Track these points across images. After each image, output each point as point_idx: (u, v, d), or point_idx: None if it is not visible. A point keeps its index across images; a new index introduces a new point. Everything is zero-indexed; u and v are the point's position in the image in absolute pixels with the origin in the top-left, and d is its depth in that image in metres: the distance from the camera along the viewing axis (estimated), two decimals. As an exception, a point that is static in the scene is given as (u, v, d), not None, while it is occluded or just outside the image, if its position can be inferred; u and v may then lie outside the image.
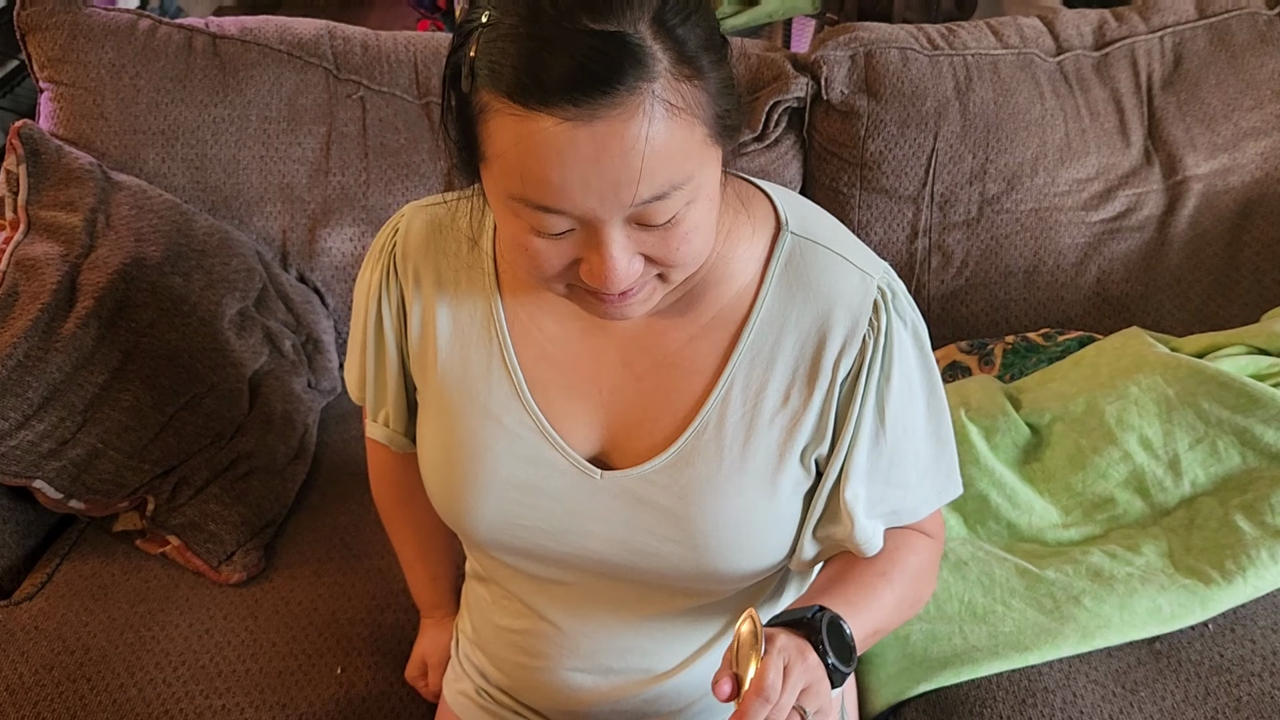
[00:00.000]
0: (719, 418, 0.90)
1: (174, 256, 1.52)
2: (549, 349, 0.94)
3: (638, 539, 0.93)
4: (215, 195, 1.71)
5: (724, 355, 0.91)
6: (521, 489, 0.94)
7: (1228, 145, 1.76)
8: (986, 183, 1.73)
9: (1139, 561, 1.28)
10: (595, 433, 0.94)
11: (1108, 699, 1.20)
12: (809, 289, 0.90)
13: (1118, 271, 1.73)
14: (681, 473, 0.91)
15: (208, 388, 1.46)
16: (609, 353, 0.93)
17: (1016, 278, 1.73)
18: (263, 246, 1.72)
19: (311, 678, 1.27)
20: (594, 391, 0.94)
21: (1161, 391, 1.36)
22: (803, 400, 0.90)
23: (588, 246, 0.77)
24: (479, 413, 0.94)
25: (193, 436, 1.42)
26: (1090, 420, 1.38)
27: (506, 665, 1.08)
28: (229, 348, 1.51)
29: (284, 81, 1.76)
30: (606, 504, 0.93)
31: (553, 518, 0.94)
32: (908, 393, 0.92)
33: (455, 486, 0.96)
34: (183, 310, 1.47)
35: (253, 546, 1.40)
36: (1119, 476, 1.36)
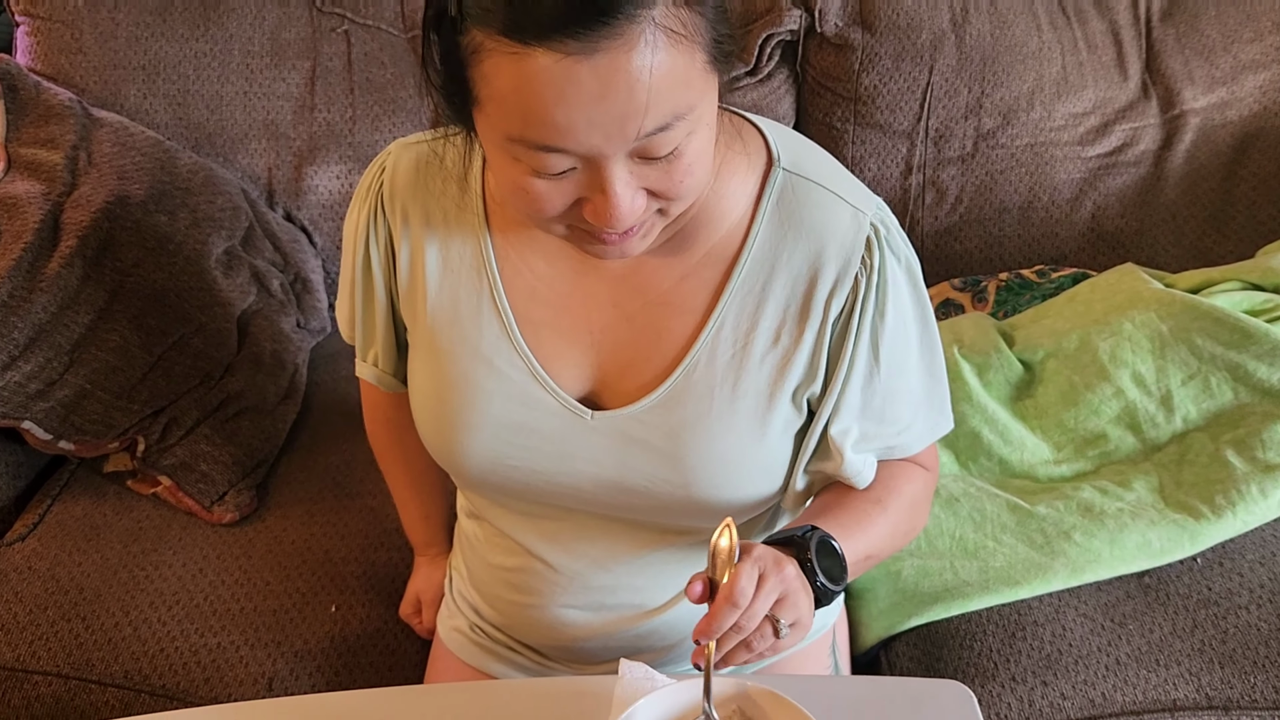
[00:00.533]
0: (709, 357, 0.90)
1: (158, 195, 1.50)
2: (539, 289, 0.93)
3: (629, 478, 0.92)
4: (198, 132, 1.69)
5: (715, 294, 0.90)
6: (512, 429, 0.93)
7: (1226, 78, 1.73)
8: (982, 117, 1.71)
9: (1129, 497, 1.28)
10: (586, 373, 0.93)
11: (1096, 632, 1.21)
12: (800, 226, 0.89)
13: (1113, 207, 1.72)
14: (672, 412, 0.90)
15: (195, 327, 1.44)
16: (600, 293, 0.92)
17: (1011, 214, 1.72)
18: (248, 185, 1.70)
19: (306, 615, 1.28)
20: (584, 332, 0.93)
21: (1155, 327, 1.36)
22: (794, 339, 0.89)
23: (590, 185, 0.75)
24: (469, 354, 0.93)
25: (181, 377, 1.41)
26: (1083, 356, 1.38)
27: (499, 603, 1.09)
28: (216, 287, 1.50)
29: (266, 15, 1.72)
30: (598, 444, 0.92)
31: (544, 458, 0.93)
32: (901, 330, 0.92)
33: (446, 427, 0.95)
34: (168, 249, 1.46)
35: (244, 486, 1.39)
36: (1111, 413, 1.36)
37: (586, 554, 1.01)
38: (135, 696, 1.20)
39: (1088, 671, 1.17)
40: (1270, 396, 1.31)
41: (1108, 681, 1.16)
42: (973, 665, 1.19)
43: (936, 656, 1.22)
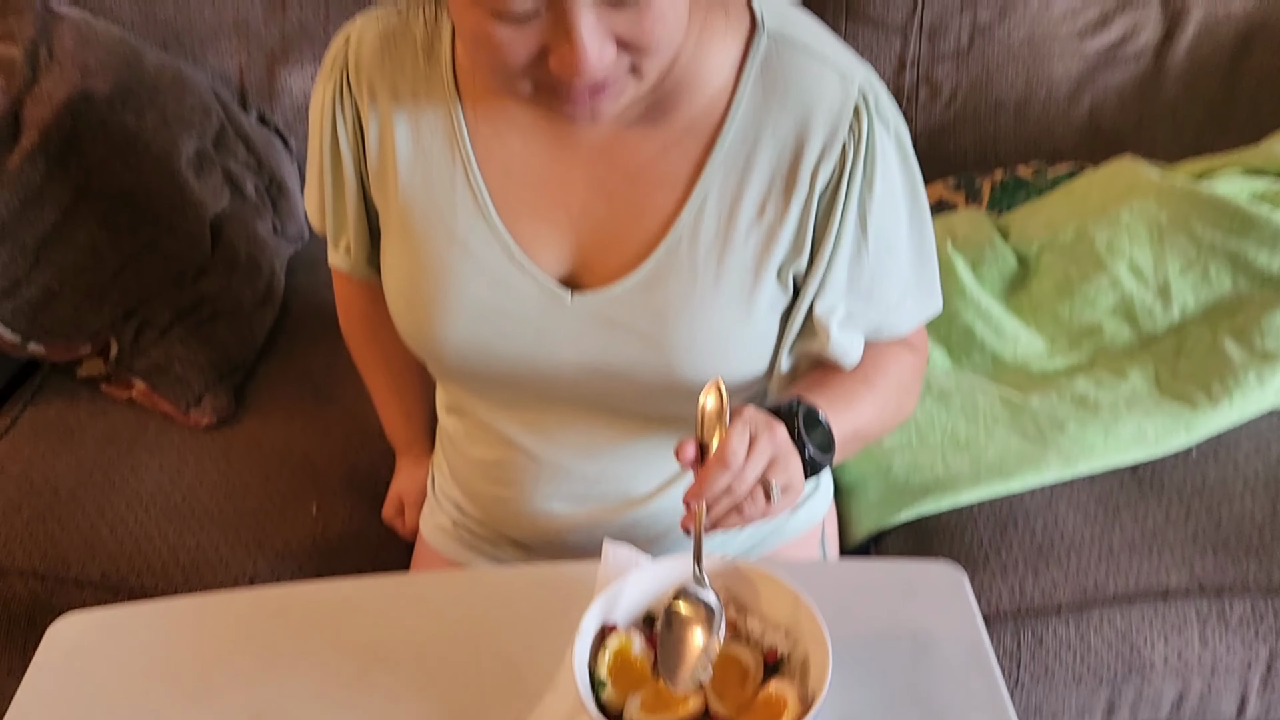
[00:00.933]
0: (692, 232, 0.86)
1: (124, 93, 1.44)
2: (514, 167, 0.89)
3: (611, 362, 0.90)
4: (165, 30, 1.62)
5: (697, 166, 0.86)
6: (489, 313, 0.90)
7: (1231, -37, 1.67)
8: (978, 10, 1.65)
9: (1125, 388, 1.26)
10: (564, 253, 0.90)
11: (1089, 522, 1.19)
12: (786, 93, 0.85)
13: (1111, 102, 1.67)
14: (655, 292, 0.87)
15: (166, 228, 1.40)
16: (577, 169, 0.88)
17: (1007, 110, 1.67)
18: (219, 85, 1.64)
19: (287, 517, 1.26)
20: (562, 209, 0.89)
21: (1154, 216, 1.32)
22: (779, 212, 0.86)
23: (555, 32, 0.71)
24: (443, 236, 0.90)
25: (153, 278, 1.37)
26: (1079, 248, 1.34)
27: (482, 498, 1.07)
28: (187, 188, 1.45)
29: (234, -93, 1.65)
30: (578, 327, 0.89)
31: (523, 342, 0.91)
32: (890, 203, 0.88)
33: (421, 313, 0.92)
34: (136, 148, 1.41)
35: (221, 390, 1.36)
36: (1107, 304, 1.33)
37: (568, 443, 0.98)
38: (114, 595, 1.18)
39: (1080, 560, 1.16)
40: (1270, 284, 1.28)
41: (1100, 570, 1.15)
42: (963, 555, 1.18)
43: (926, 549, 1.21)
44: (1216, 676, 1.14)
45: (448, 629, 0.85)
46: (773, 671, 0.74)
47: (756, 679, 0.74)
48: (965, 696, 0.77)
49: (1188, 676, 1.14)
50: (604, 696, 0.72)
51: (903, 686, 0.78)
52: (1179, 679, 1.14)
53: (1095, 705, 1.17)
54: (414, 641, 0.83)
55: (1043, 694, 1.15)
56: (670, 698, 0.72)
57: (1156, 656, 1.13)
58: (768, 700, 0.72)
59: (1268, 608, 1.12)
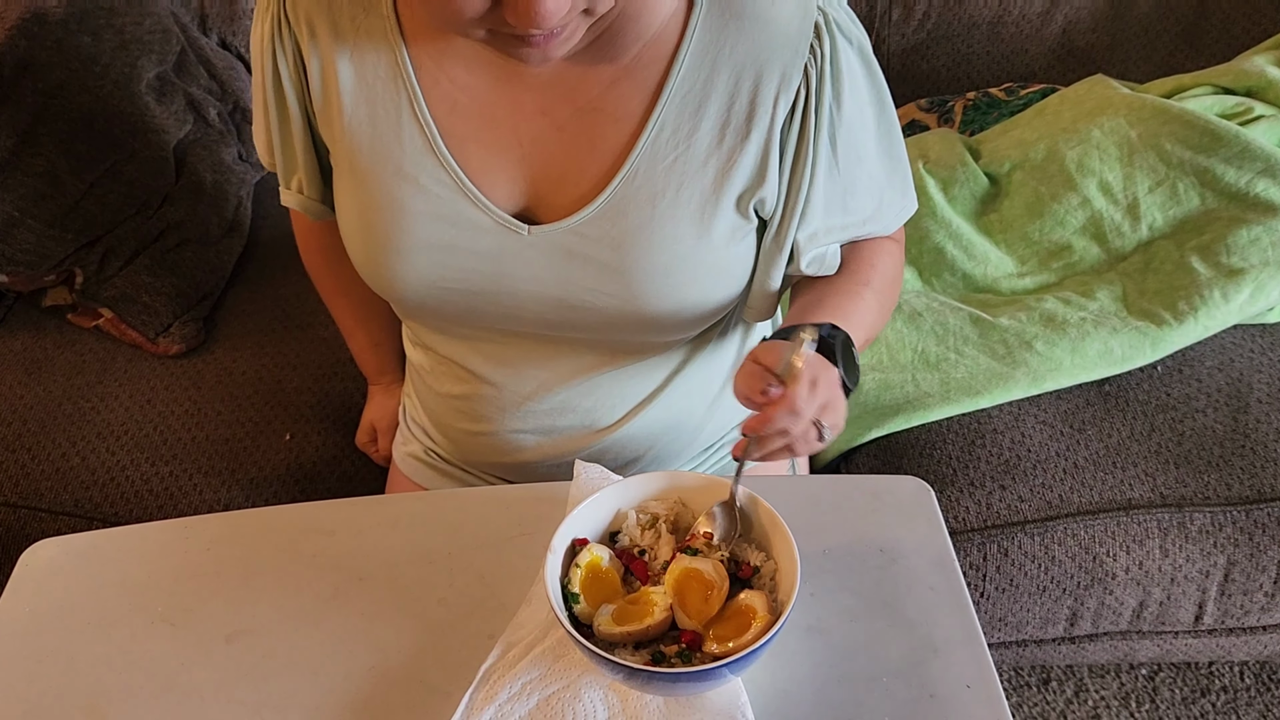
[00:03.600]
0: (649, 163, 0.85)
1: (79, 13, 1.40)
2: (461, 100, 0.86)
3: (572, 294, 0.89)
4: (120, -50, 1.57)
5: (652, 96, 0.84)
6: (445, 250, 0.88)
7: (1207, -117, 1.65)
8: (952, -77, 1.63)
9: (1093, 306, 1.27)
10: (518, 187, 0.88)
11: (1055, 438, 1.21)
12: (740, 18, 0.82)
13: (1084, 21, 1.66)
14: (613, 223, 0.86)
15: (128, 154, 1.37)
16: (526, 101, 0.86)
17: (980, 29, 1.65)
18: (178, 8, 1.60)
19: (260, 444, 1.25)
20: (513, 143, 0.87)
21: (1124, 134, 1.32)
22: (739, 139, 0.84)
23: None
24: (392, 172, 0.87)
25: (117, 205, 1.35)
26: (1050, 167, 1.34)
27: (451, 431, 1.07)
28: (149, 113, 1.42)
29: None
30: (536, 261, 0.88)
31: (481, 278, 0.89)
32: (859, 117, 0.87)
33: (376, 252, 0.90)
34: (94, 71, 1.37)
35: (190, 319, 1.35)
36: (1076, 223, 1.33)
37: (534, 377, 0.98)
38: (87, 524, 1.18)
39: (1045, 475, 1.18)
40: (1237, 200, 1.29)
41: (1065, 484, 1.17)
42: (931, 472, 1.20)
43: (895, 466, 1.22)
44: (1175, 585, 1.17)
45: (421, 548, 0.85)
46: (744, 585, 0.76)
47: (722, 592, 0.75)
48: (931, 606, 0.79)
49: (1148, 586, 1.17)
50: (576, 609, 0.74)
51: (871, 597, 0.80)
52: (1140, 588, 1.17)
53: (1058, 615, 1.20)
54: (388, 561, 0.84)
55: (1008, 604, 1.18)
56: (639, 610, 0.73)
57: (1118, 567, 1.15)
58: (738, 610, 0.73)
59: (1226, 518, 1.15)
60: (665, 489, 0.81)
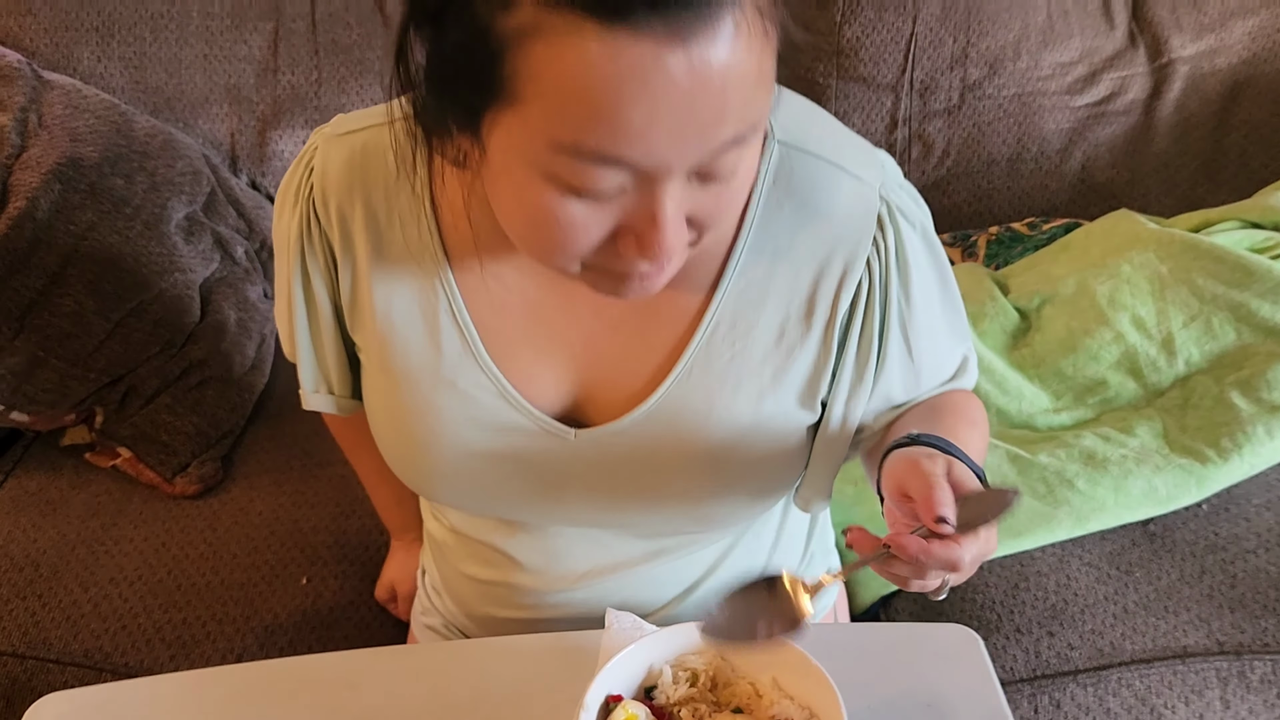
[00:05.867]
0: (704, 362, 0.80)
1: (113, 158, 1.43)
2: (509, 300, 0.81)
3: (622, 493, 0.84)
4: (157, 96, 1.62)
5: (708, 292, 0.79)
6: (485, 458, 0.84)
7: (1214, 25, 1.69)
8: (968, 68, 1.66)
9: (1133, 443, 1.24)
10: (566, 389, 0.83)
11: (1102, 580, 1.16)
12: (802, 208, 0.77)
13: (1103, 157, 1.68)
14: (666, 425, 0.81)
15: (155, 294, 1.38)
16: (579, 300, 0.81)
17: (1000, 166, 1.67)
18: (210, 150, 1.63)
19: (275, 589, 1.21)
20: (563, 344, 0.82)
21: (1154, 269, 1.31)
22: (800, 334, 0.80)
23: (637, 211, 0.62)
24: (428, 377, 0.82)
25: (141, 344, 1.34)
26: (1081, 301, 1.33)
27: (478, 617, 1.00)
28: (177, 252, 1.43)
29: (226, -25, 1.65)
30: (584, 464, 0.83)
31: (524, 484, 0.85)
32: (925, 301, 0.82)
33: (410, 457, 0.86)
34: (125, 213, 1.39)
35: (208, 458, 1.33)
36: (1111, 358, 1.31)
37: (571, 564, 0.92)
38: (97, 675, 1.13)
39: (1095, 620, 1.13)
40: (1274, 335, 1.27)
41: (1116, 630, 1.12)
42: (975, 618, 1.14)
43: (937, 611, 1.17)
44: (1241, 740, 1.10)
45: (447, 701, 0.81)
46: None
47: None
48: (990, 768, 0.74)
49: (1211, 741, 1.10)
50: (612, 771, 0.69)
51: (924, 758, 0.75)
52: (1203, 744, 1.10)
53: (1117, 772, 1.13)
54: (411, 714, 0.79)
55: (1063, 762, 1.12)
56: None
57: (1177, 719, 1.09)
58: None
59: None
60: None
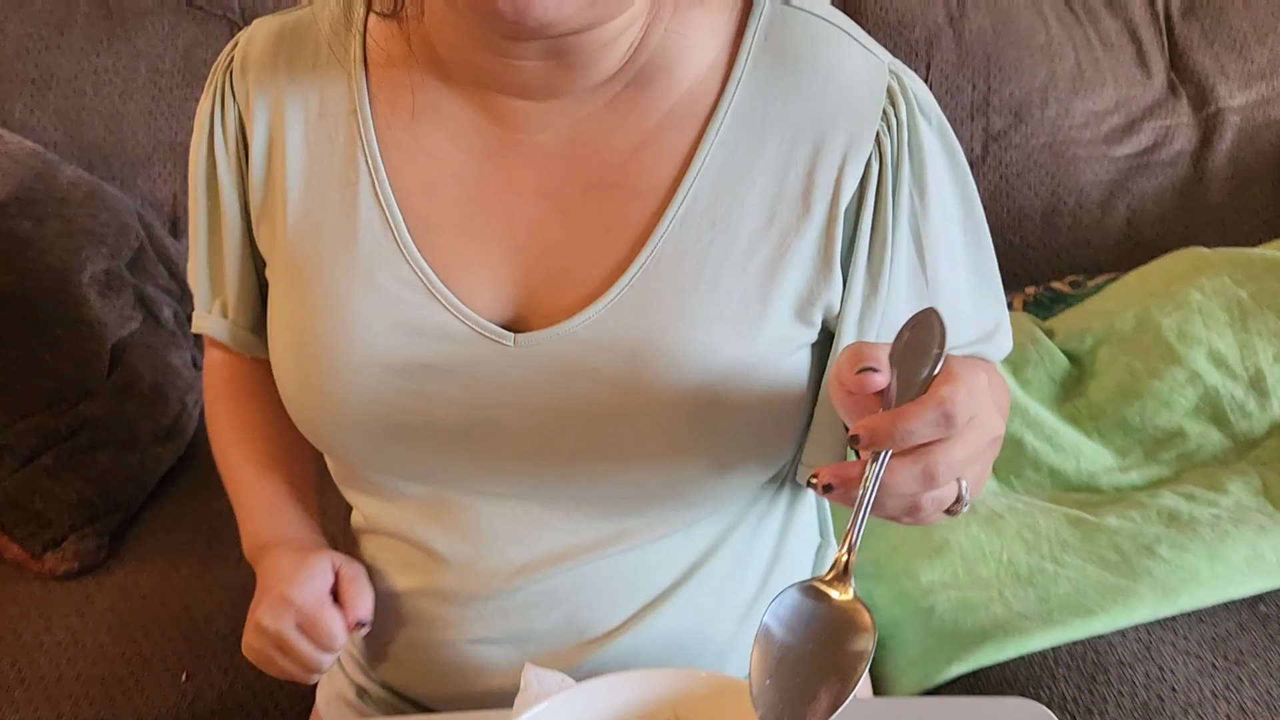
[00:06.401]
0: (675, 247, 0.65)
1: (25, 200, 1.27)
2: (441, 180, 0.69)
3: (571, 424, 0.67)
4: (93, 153, 1.48)
5: (683, 164, 0.66)
6: (405, 371, 0.68)
7: (1264, 73, 1.54)
8: (990, 116, 1.50)
9: (1226, 501, 1.00)
10: (507, 289, 0.69)
11: (1205, 672, 0.90)
12: (798, 68, 0.67)
13: (1150, 211, 1.49)
14: (628, 323, 0.65)
15: (50, 341, 1.19)
16: (524, 179, 0.68)
17: (1033, 220, 1.49)
18: (148, 210, 1.48)
19: (146, 686, 0.97)
20: (505, 232, 0.68)
21: (1232, 294, 1.10)
22: (795, 219, 0.66)
23: None
24: (342, 268, 0.69)
25: (23, 395, 1.15)
26: (1144, 337, 1.11)
27: (392, 646, 0.78)
28: (85, 304, 1.25)
29: (180, 32, 1.54)
30: (524, 381, 0.67)
31: (450, 406, 0.68)
32: (942, 212, 0.68)
33: (313, 374, 0.70)
34: (27, 255, 1.22)
35: (91, 533, 1.11)
36: (1187, 403, 1.08)
37: (509, 554, 0.72)
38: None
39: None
40: (1393, 365, 1.04)
41: (1234, 735, 0.84)
42: (1043, 718, 0.87)
43: (992, 712, 0.90)
44: None
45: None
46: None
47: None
48: None
49: None
50: None
51: None
52: None
53: None
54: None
55: None
56: None
57: None
58: None
59: None
60: (657, 698, 0.54)
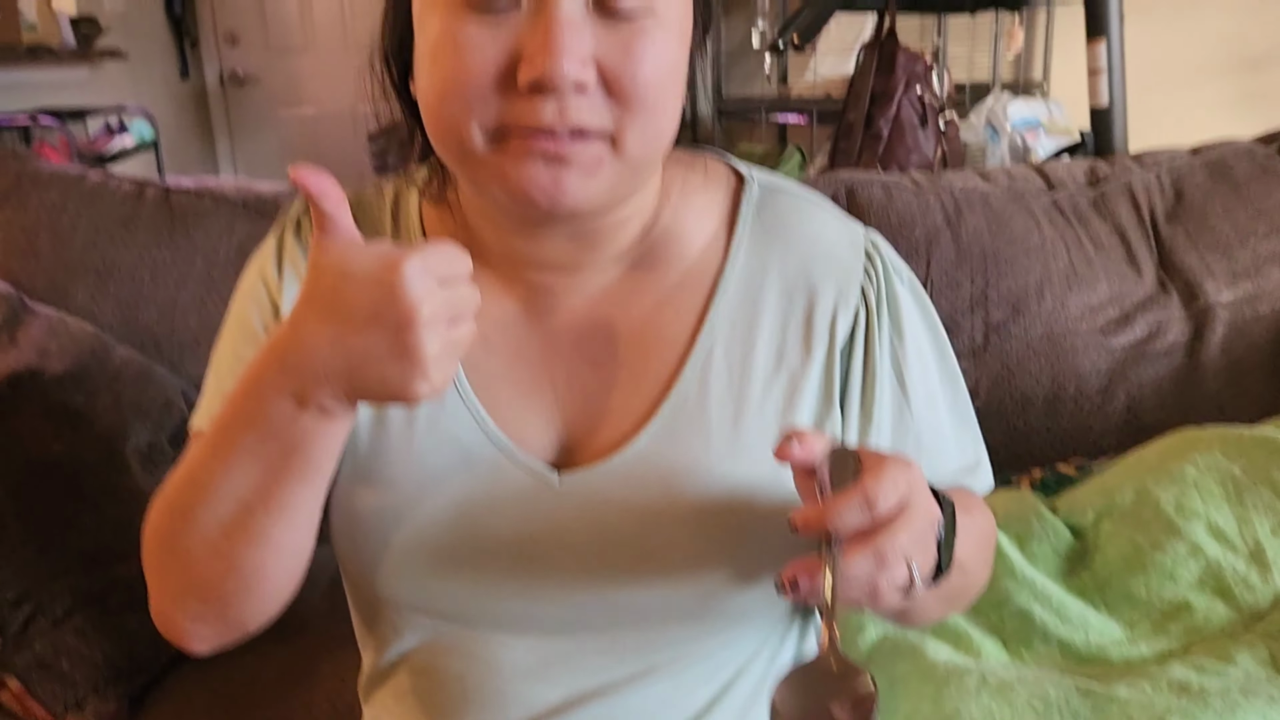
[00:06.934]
0: (700, 387, 0.74)
1: (79, 375, 1.35)
2: (491, 335, 0.77)
3: (608, 553, 0.72)
4: (145, 335, 1.57)
5: (697, 318, 0.76)
6: (457, 507, 0.74)
7: (1249, 272, 1.62)
8: (989, 309, 1.58)
9: (1235, 672, 1.00)
10: (551, 433, 0.76)
11: (1226, 847, 0.88)
12: (788, 236, 0.77)
13: (1149, 398, 1.54)
14: (660, 460, 0.72)
15: (91, 506, 1.24)
16: (560, 335, 0.77)
17: (1036, 405, 1.53)
18: (191, 389, 1.55)
19: None
20: (546, 384, 0.76)
21: (1225, 470, 1.13)
22: (801, 358, 0.75)
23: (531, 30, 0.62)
24: (403, 410, 0.75)
25: (60, 557, 1.19)
26: (1143, 511, 1.14)
27: None
28: (128, 473, 1.30)
29: (236, 229, 1.66)
30: (567, 514, 0.73)
31: (498, 541, 0.73)
32: (919, 355, 0.78)
33: (369, 505, 0.75)
34: (76, 423, 1.29)
35: (112, 693, 1.12)
36: (1191, 576, 1.09)
37: (538, 692, 0.76)
38: None
39: None
40: (1387, 537, 1.06)
41: None
42: None
43: None
44: None
45: None
46: None
47: None
48: None
49: None
50: None
51: None
52: None
53: None
54: None
55: None
56: None
57: None
58: None
59: None
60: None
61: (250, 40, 5.55)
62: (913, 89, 2.42)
